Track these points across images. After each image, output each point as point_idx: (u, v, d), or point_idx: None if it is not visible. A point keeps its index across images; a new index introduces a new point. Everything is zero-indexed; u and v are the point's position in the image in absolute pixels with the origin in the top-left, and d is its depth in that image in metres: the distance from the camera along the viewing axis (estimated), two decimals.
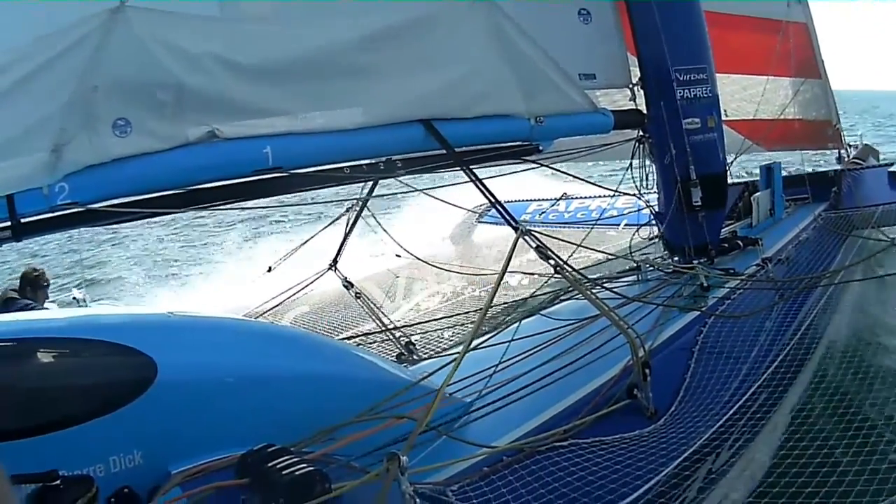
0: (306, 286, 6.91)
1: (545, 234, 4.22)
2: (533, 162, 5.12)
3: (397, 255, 7.75)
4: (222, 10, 3.56)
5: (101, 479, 2.45)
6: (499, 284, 3.76)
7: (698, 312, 4.98)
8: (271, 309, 6.77)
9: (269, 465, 2.41)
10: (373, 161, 4.19)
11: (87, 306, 4.28)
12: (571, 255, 5.00)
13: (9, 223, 3.03)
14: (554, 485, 3.07)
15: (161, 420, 2.65)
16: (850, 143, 11.01)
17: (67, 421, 2.48)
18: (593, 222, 8.15)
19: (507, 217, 4.19)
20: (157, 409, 2.63)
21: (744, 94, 8.90)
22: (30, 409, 2.50)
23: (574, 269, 4.29)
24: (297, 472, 2.31)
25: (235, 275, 13.66)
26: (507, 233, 8.28)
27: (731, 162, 8.07)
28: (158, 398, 2.63)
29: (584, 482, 3.08)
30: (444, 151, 4.23)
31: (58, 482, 2.19)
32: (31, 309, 5.43)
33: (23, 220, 3.06)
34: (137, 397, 2.60)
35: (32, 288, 6.01)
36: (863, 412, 4.44)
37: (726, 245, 6.53)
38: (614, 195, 8.48)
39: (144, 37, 3.19)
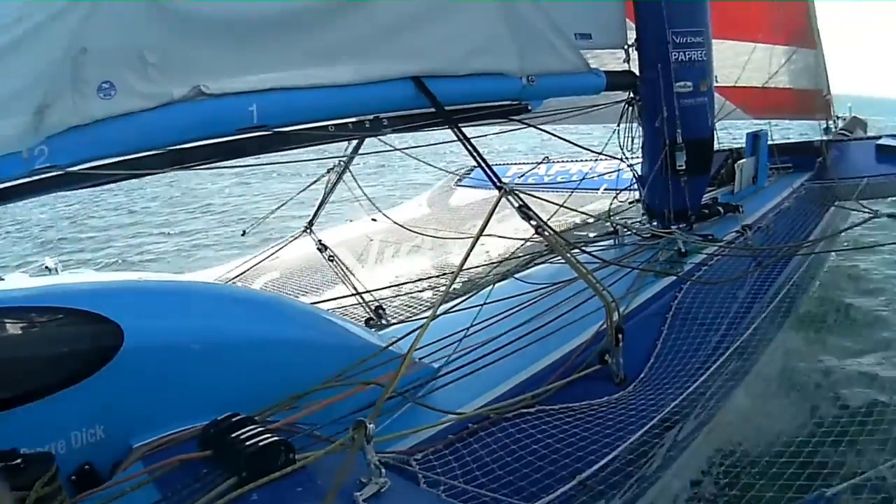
0: (280, 248, 6.87)
1: (527, 194, 4.16)
2: (520, 122, 5.04)
3: (373, 220, 7.75)
4: None
5: (62, 455, 2.37)
6: (474, 244, 3.71)
7: (674, 278, 4.98)
8: (243, 273, 6.71)
9: (232, 435, 2.37)
10: (358, 119, 4.10)
11: (58, 275, 4.14)
12: (551, 218, 5.00)
13: None
14: (519, 452, 3.06)
15: (126, 390, 2.57)
16: (839, 115, 11.05)
17: (29, 395, 2.38)
18: (574, 186, 8.12)
19: (492, 176, 4.15)
20: (122, 379, 2.54)
21: (735, 61, 8.89)
22: None
23: (554, 231, 4.25)
24: (259, 443, 2.27)
25: (212, 238, 13.63)
26: (486, 196, 8.33)
27: (714, 123, 8.12)
28: (124, 367, 2.54)
29: (550, 449, 3.09)
30: (433, 110, 4.15)
31: (18, 461, 2.05)
32: None
33: (1, 186, 2.95)
34: (103, 366, 2.50)
35: None
36: (830, 382, 4.51)
37: (706, 211, 6.57)
38: (595, 160, 8.50)
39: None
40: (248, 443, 2.28)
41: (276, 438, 2.29)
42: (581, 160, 9.76)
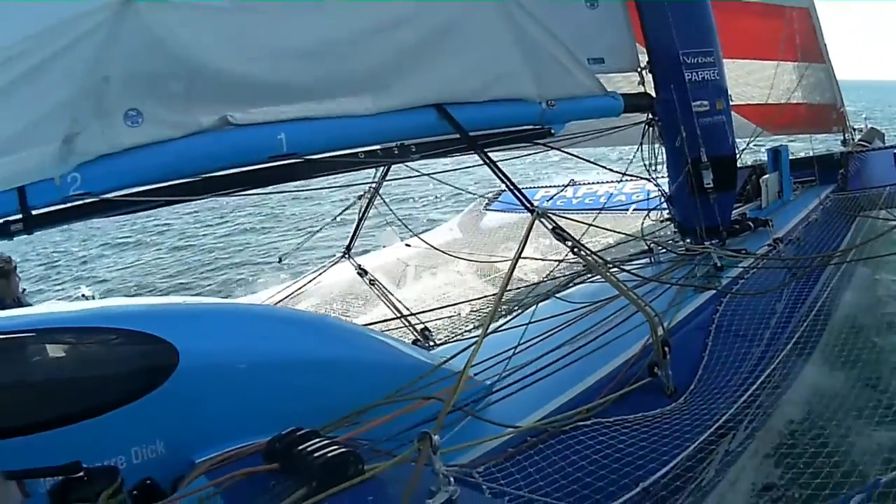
0: (320, 273, 6.93)
1: (559, 216, 4.23)
2: (545, 146, 5.11)
3: (407, 245, 7.75)
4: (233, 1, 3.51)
5: (123, 470, 2.39)
6: (514, 266, 3.74)
7: (713, 292, 4.97)
8: (284, 298, 6.75)
9: (299, 448, 2.36)
10: (387, 146, 4.18)
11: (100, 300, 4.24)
12: (582, 239, 4.97)
13: (20, 215, 2.98)
14: (581, 463, 3.07)
15: (184, 408, 2.62)
16: (855, 127, 10.99)
17: (89, 412, 2.44)
18: (601, 207, 8.15)
19: (523, 199, 4.18)
20: (179, 397, 2.60)
21: (748, 79, 8.93)
22: (50, 400, 2.47)
23: (590, 251, 4.29)
24: (329, 454, 2.26)
25: (249, 266, 13.80)
26: (516, 220, 8.32)
27: (743, 149, 8.12)
28: (181, 385, 2.60)
29: (610, 459, 3.09)
30: (458, 136, 4.22)
31: (81, 474, 2.12)
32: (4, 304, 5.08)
33: (34, 212, 3.01)
34: (160, 385, 2.57)
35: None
36: (879, 385, 4.47)
37: (737, 226, 6.51)
38: (621, 181, 8.56)
39: (155, 27, 3.14)
40: (316, 454, 2.27)
41: (345, 449, 2.28)
42: (607, 181, 9.73)
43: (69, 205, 3.04)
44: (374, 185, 6.18)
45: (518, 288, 6.02)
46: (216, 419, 2.72)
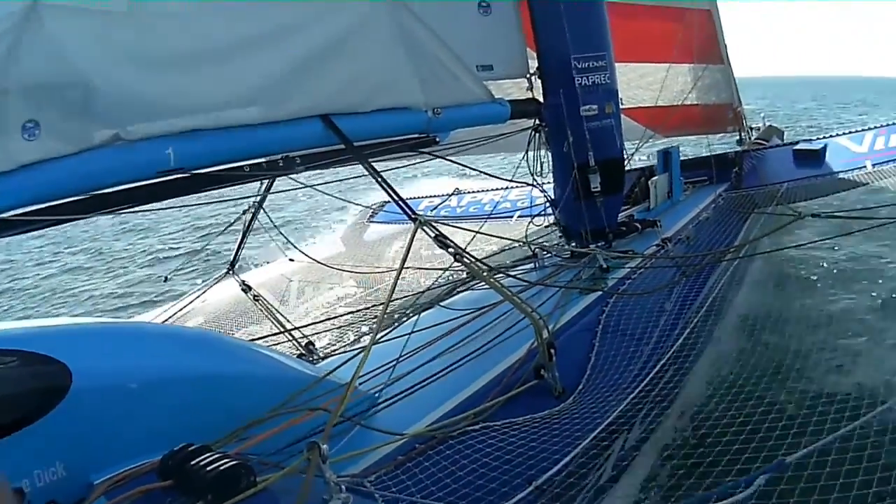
0: (204, 291, 7.07)
1: (443, 224, 4.48)
2: (430, 154, 5.40)
3: (290, 260, 8.02)
4: (131, 5, 3.65)
5: (28, 494, 2.49)
6: (398, 276, 4.00)
7: (599, 294, 5.31)
8: (171, 317, 6.87)
9: (192, 463, 2.51)
10: (272, 158, 4.39)
11: None
12: (467, 247, 5.22)
13: None
14: (471, 466, 3.29)
15: (79, 428, 2.70)
16: (752, 126, 11.69)
17: None
18: (487, 215, 8.49)
19: (405, 208, 4.43)
20: (74, 417, 2.68)
21: (640, 82, 9.47)
22: None
23: (473, 258, 4.55)
24: (221, 468, 2.42)
25: (134, 285, 13.73)
26: (399, 231, 8.75)
27: (633, 153, 8.66)
28: (76, 406, 2.68)
29: (501, 461, 3.32)
30: (343, 147, 4.44)
31: None
32: None
33: None
34: (55, 406, 2.63)
35: None
36: (767, 382, 4.81)
37: (624, 228, 6.96)
38: (506, 188, 8.94)
39: (55, 33, 3.28)
40: (208, 468, 2.43)
41: (236, 462, 2.45)
42: (492, 189, 10.20)
43: None
44: (257, 199, 6.38)
45: (402, 298, 6.31)
46: (111, 439, 2.81)
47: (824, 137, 10.05)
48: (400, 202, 4.54)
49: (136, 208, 3.98)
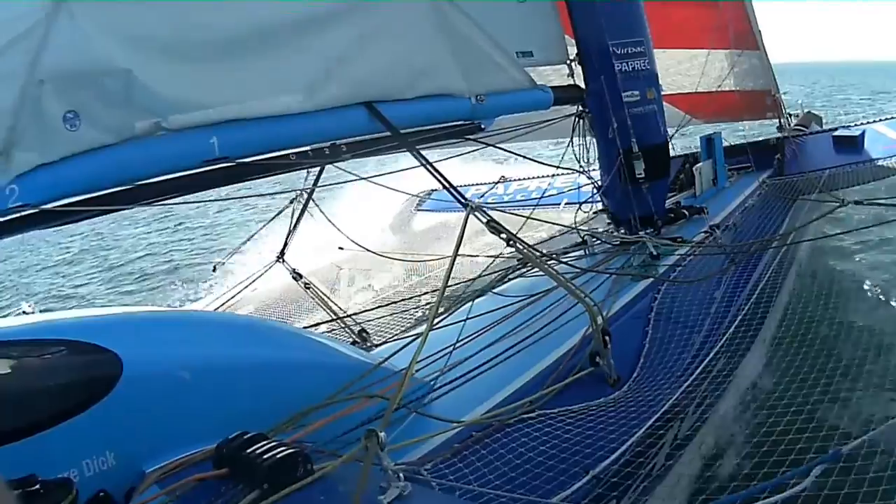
0: (255, 280, 7.06)
1: (493, 210, 4.38)
2: (475, 141, 5.32)
3: (340, 248, 7.96)
4: None
5: (77, 483, 2.40)
6: (453, 262, 3.90)
7: (651, 281, 5.22)
8: (221, 305, 6.89)
9: (247, 451, 2.45)
10: (318, 146, 4.30)
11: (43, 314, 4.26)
12: (517, 234, 5.18)
13: None
14: (528, 454, 3.23)
15: (130, 417, 2.67)
16: (791, 112, 11.51)
17: (35, 426, 2.47)
18: (535, 202, 8.34)
19: (456, 194, 4.37)
20: (125, 406, 2.65)
21: (679, 69, 9.34)
22: None
23: (526, 244, 4.46)
24: (277, 456, 2.35)
25: (184, 274, 13.94)
26: (447, 219, 8.63)
27: (672, 136, 8.48)
28: (126, 394, 2.65)
29: (557, 449, 3.26)
30: (388, 134, 4.36)
31: (37, 486, 2.13)
32: None
33: None
34: (105, 395, 2.61)
35: None
36: (821, 366, 4.75)
37: (672, 215, 6.88)
38: (553, 176, 8.86)
39: (88, 24, 3.18)
40: (265, 456, 2.36)
41: (293, 450, 2.38)
42: (538, 177, 10.16)
43: (6, 218, 3.06)
44: (305, 188, 6.37)
45: (454, 285, 6.18)
46: (163, 427, 2.77)
47: (862, 123, 9.88)
48: (451, 188, 4.47)
49: (180, 199, 3.91)
